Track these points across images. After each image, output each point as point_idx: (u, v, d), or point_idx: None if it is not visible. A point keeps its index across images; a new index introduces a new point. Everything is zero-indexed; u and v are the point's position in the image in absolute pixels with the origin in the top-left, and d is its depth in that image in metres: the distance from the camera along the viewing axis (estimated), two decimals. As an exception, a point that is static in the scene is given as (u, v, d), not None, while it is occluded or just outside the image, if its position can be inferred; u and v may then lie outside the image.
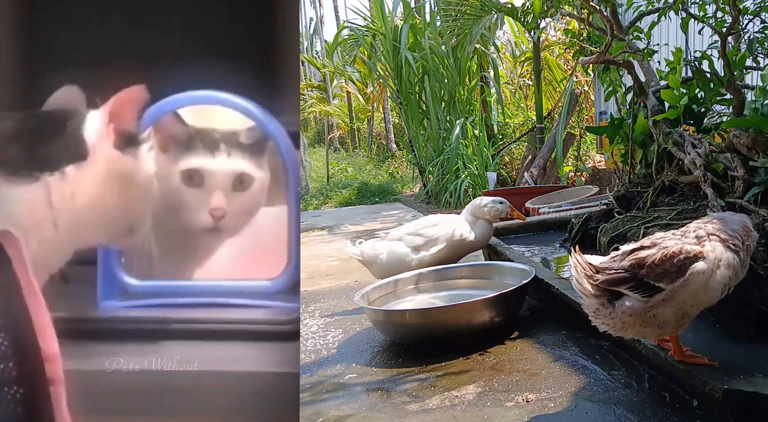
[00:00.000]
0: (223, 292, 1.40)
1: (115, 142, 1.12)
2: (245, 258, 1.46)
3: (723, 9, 2.43)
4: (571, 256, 1.55)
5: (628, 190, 2.81)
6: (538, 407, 1.69)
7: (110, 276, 1.41)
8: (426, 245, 2.84)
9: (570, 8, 3.19)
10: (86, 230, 1.11)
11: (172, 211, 1.39)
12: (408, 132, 8.13)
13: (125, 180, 1.13)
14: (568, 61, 8.07)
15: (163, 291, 1.41)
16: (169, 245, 1.42)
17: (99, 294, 1.40)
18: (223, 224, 1.40)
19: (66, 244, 1.10)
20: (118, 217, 1.14)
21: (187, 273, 1.45)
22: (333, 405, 1.86)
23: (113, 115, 1.12)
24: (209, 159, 1.38)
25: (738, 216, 1.58)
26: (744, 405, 1.39)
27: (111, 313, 1.38)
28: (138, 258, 1.40)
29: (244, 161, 1.40)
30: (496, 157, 7.11)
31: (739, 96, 2.38)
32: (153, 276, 1.42)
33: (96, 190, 1.10)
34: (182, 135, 1.39)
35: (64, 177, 1.08)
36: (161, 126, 1.37)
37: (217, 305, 1.39)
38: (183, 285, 1.43)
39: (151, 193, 1.18)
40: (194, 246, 1.44)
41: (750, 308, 1.72)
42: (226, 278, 1.43)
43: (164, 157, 1.37)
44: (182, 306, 1.39)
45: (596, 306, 1.53)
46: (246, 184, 1.40)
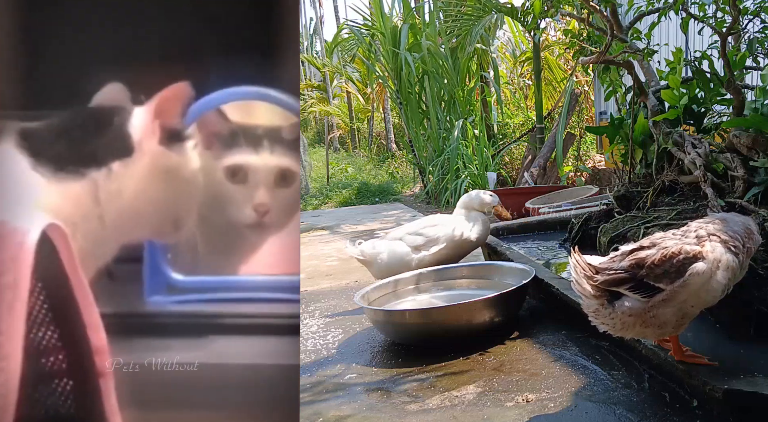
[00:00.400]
0: (264, 287, 1.41)
1: (160, 138, 1.14)
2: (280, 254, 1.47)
3: (723, 9, 2.43)
4: (570, 257, 1.55)
5: (628, 190, 2.81)
6: (538, 407, 1.68)
7: (156, 271, 1.42)
8: (427, 245, 2.84)
9: (570, 8, 3.19)
10: (132, 225, 1.13)
11: (216, 206, 1.41)
12: (408, 132, 8.13)
13: (170, 175, 1.15)
14: (568, 61, 8.07)
15: (209, 287, 1.43)
16: (214, 241, 1.45)
17: (146, 289, 1.41)
18: (267, 220, 1.41)
19: (113, 239, 1.12)
20: (163, 213, 1.16)
21: (233, 268, 1.46)
22: (333, 405, 1.86)
23: (158, 111, 1.14)
24: (252, 155, 1.39)
25: (741, 218, 1.58)
26: (744, 405, 1.39)
27: (158, 308, 1.40)
28: (183, 254, 1.42)
29: (286, 157, 1.41)
30: (496, 157, 7.10)
31: (739, 96, 2.38)
32: (199, 271, 1.44)
33: (141, 186, 1.12)
34: (226, 131, 1.40)
35: (111, 173, 1.10)
36: (205, 122, 1.38)
37: (258, 300, 1.40)
38: (228, 280, 1.45)
39: (196, 188, 1.20)
40: (239, 241, 1.46)
41: (750, 308, 1.72)
42: (267, 273, 1.44)
43: (208, 154, 1.38)
44: (228, 301, 1.41)
45: (596, 307, 1.53)
46: (289, 179, 1.41)
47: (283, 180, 1.40)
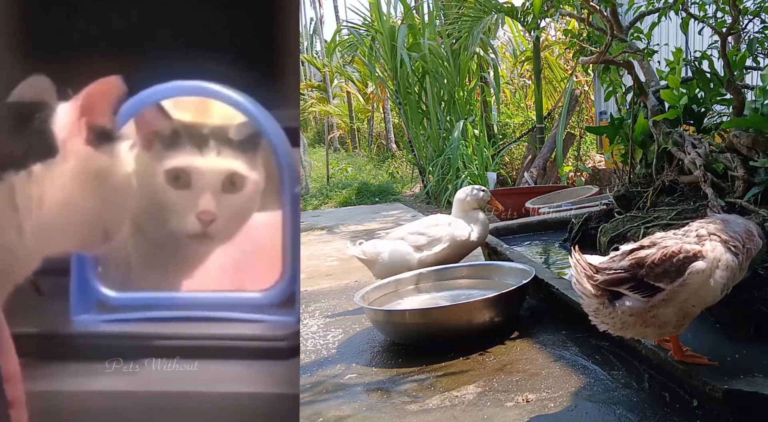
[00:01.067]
0: (212, 305, 1.28)
1: (87, 138, 1.01)
2: (236, 267, 1.34)
3: (723, 9, 2.43)
4: (571, 256, 1.55)
5: (628, 190, 2.81)
6: (538, 407, 1.68)
7: (85, 287, 1.27)
8: (429, 245, 2.84)
9: (570, 8, 3.19)
10: (55, 236, 1.01)
11: (155, 214, 1.26)
12: (408, 132, 8.13)
13: (99, 180, 1.02)
14: (568, 61, 8.07)
15: (145, 304, 1.27)
16: (151, 252, 1.30)
17: (72, 307, 1.26)
18: (212, 229, 1.26)
19: (33, 251, 0.99)
20: (91, 221, 1.03)
21: (172, 283, 1.31)
22: (333, 405, 1.86)
23: (85, 108, 1.01)
24: (197, 157, 1.25)
25: (743, 220, 1.58)
26: (744, 405, 1.39)
27: (86, 328, 1.24)
28: (116, 267, 1.27)
29: (235, 160, 1.27)
30: (496, 157, 7.10)
31: (739, 96, 2.38)
32: (133, 287, 1.29)
33: (66, 191, 1.00)
34: (167, 130, 1.25)
35: (30, 176, 0.97)
36: (143, 120, 1.24)
37: (205, 319, 1.26)
38: (167, 297, 1.29)
39: (130, 194, 1.07)
40: (180, 254, 1.30)
41: (750, 308, 1.72)
42: (214, 289, 1.30)
43: (147, 155, 1.24)
44: (166, 320, 1.25)
45: (596, 306, 1.53)
46: (238, 185, 1.27)
47: (232, 185, 1.26)
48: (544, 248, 3.29)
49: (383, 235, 3.19)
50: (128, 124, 1.18)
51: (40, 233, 0.99)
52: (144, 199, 1.19)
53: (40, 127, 0.99)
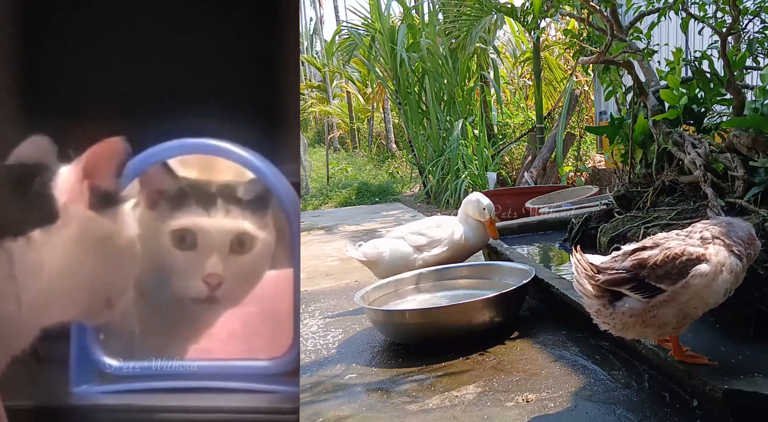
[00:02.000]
0: (219, 374, 1.21)
1: (90, 202, 0.98)
2: (245, 332, 1.27)
3: (723, 9, 2.43)
4: (572, 256, 1.55)
5: (628, 190, 2.81)
6: (538, 407, 1.68)
7: (85, 356, 1.20)
8: (428, 245, 2.84)
9: (570, 8, 3.19)
10: (55, 304, 0.96)
11: (159, 278, 1.20)
12: (408, 132, 8.13)
13: (102, 245, 0.98)
14: (568, 61, 8.07)
15: (148, 374, 1.21)
16: (155, 318, 1.24)
17: (72, 378, 1.19)
18: (219, 293, 1.20)
19: (31, 322, 0.95)
20: (93, 289, 0.99)
21: (177, 351, 1.24)
22: (333, 406, 1.86)
23: (88, 170, 0.97)
24: (204, 217, 1.19)
25: (745, 224, 1.59)
26: (744, 405, 1.39)
27: (86, 400, 1.17)
28: (118, 335, 1.21)
29: (244, 219, 1.21)
30: (496, 157, 7.10)
31: (739, 96, 2.38)
32: (136, 355, 1.22)
33: (67, 258, 0.95)
34: (172, 189, 1.19)
35: (30, 243, 0.93)
36: (148, 179, 1.17)
37: (212, 390, 1.19)
38: (171, 365, 1.22)
39: (134, 259, 1.04)
40: (185, 319, 1.24)
41: (750, 308, 1.72)
42: (222, 357, 1.23)
43: (151, 215, 1.18)
44: (170, 390, 1.19)
45: (597, 307, 1.53)
46: (247, 245, 1.21)
47: (241, 246, 1.20)
48: (544, 248, 3.29)
49: (384, 234, 3.18)
50: (132, 183, 1.14)
51: (39, 303, 0.94)
52: (148, 263, 1.14)
53: (40, 190, 0.95)
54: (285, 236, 1.23)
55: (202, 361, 1.22)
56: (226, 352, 1.23)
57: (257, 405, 1.16)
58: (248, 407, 1.15)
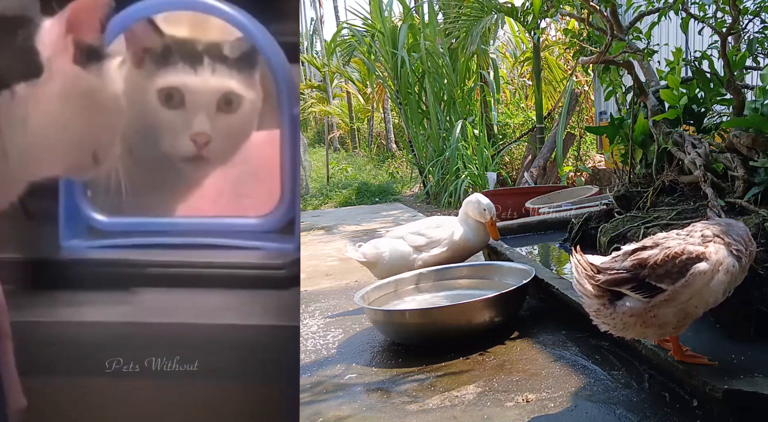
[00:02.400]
0: (207, 231, 1.20)
1: (74, 56, 0.96)
2: (233, 191, 1.25)
3: (723, 9, 2.43)
4: (572, 256, 1.55)
5: (628, 190, 2.81)
6: (538, 407, 1.68)
7: (74, 212, 1.19)
8: (428, 246, 2.84)
9: (570, 8, 3.19)
10: (41, 159, 0.96)
11: (146, 136, 1.18)
12: (408, 132, 8.13)
13: (87, 101, 0.97)
14: (568, 61, 8.07)
15: (137, 230, 1.20)
16: (143, 176, 1.22)
17: (62, 233, 1.18)
18: (207, 152, 1.18)
19: (17, 176, 0.95)
20: (79, 144, 0.98)
21: (166, 208, 1.23)
22: (333, 406, 1.86)
23: (72, 24, 0.95)
24: (191, 75, 1.17)
25: (742, 225, 1.59)
26: (744, 405, 1.39)
27: (76, 255, 1.16)
28: (106, 192, 1.17)
29: (231, 78, 1.19)
30: (496, 157, 7.10)
31: (739, 96, 2.38)
32: (125, 212, 1.21)
33: (52, 113, 0.94)
34: (159, 47, 1.16)
35: (14, 97, 0.93)
36: (134, 35, 1.15)
37: (200, 246, 1.19)
38: (160, 222, 1.21)
39: (120, 115, 1.03)
40: (173, 177, 1.23)
41: (750, 308, 1.72)
42: (210, 215, 1.23)
43: (137, 73, 1.16)
44: (159, 246, 1.18)
45: (597, 307, 1.53)
46: (234, 104, 1.19)
47: (228, 104, 1.18)
48: (544, 248, 3.29)
49: (384, 233, 3.18)
50: (117, 40, 1.12)
51: (25, 156, 0.94)
52: (135, 120, 1.13)
53: (23, 44, 0.93)
54: (272, 96, 1.21)
55: (191, 218, 1.21)
56: (215, 210, 1.22)
57: (248, 261, 1.16)
58: (237, 262, 1.16)
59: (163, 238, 1.19)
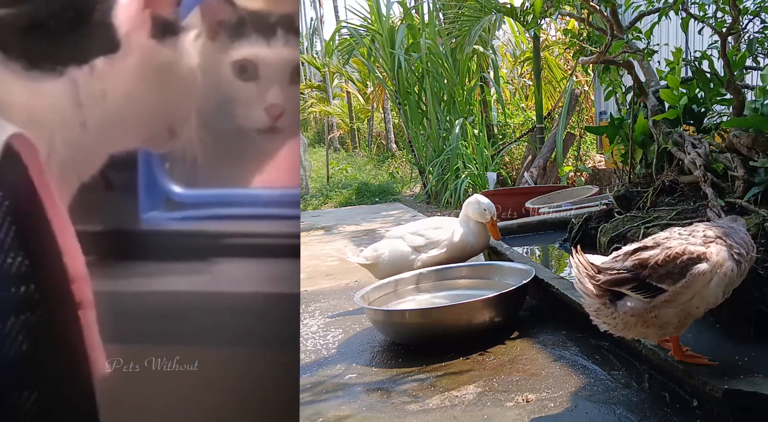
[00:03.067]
0: (280, 202, 1.21)
1: (151, 31, 0.99)
2: (286, 163, 1.26)
3: (723, 9, 2.43)
4: (572, 256, 1.55)
5: (628, 190, 2.81)
6: (538, 407, 1.68)
7: (153, 183, 1.22)
8: (426, 247, 2.83)
9: (570, 8, 3.19)
10: (120, 132, 0.99)
11: (221, 108, 1.20)
12: (408, 132, 8.13)
13: (164, 74, 1.00)
14: (568, 61, 8.07)
15: (214, 201, 1.23)
16: (219, 148, 1.24)
17: (141, 205, 1.21)
18: (280, 123, 1.19)
19: (97, 148, 0.98)
20: (156, 117, 1.01)
21: (241, 180, 1.25)
22: (333, 405, 1.86)
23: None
24: (264, 47, 1.17)
25: (744, 228, 1.59)
26: (744, 405, 1.39)
27: (154, 226, 1.20)
28: (182, 164, 1.21)
29: (297, 49, 1.21)
30: (496, 157, 7.10)
31: (739, 96, 2.38)
32: (201, 183, 1.24)
33: (130, 87, 0.97)
34: (233, 19, 1.17)
35: (93, 71, 0.95)
36: (208, 9, 1.16)
37: (272, 217, 1.20)
38: (236, 193, 1.24)
39: (195, 88, 1.05)
40: (248, 149, 1.25)
41: (750, 308, 1.72)
42: (282, 186, 1.23)
43: (212, 46, 1.17)
44: (235, 217, 1.20)
45: (598, 306, 1.52)
46: (298, 76, 1.21)
47: (298, 76, 1.20)
48: (544, 248, 3.29)
49: (384, 234, 3.18)
50: (192, 14, 1.13)
51: (104, 129, 0.96)
52: (209, 93, 1.15)
53: (101, 19, 0.95)
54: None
55: (264, 190, 1.22)
56: (287, 181, 1.22)
57: (289, 231, 1.18)
58: (285, 232, 1.18)
59: (238, 209, 1.21)
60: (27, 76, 0.91)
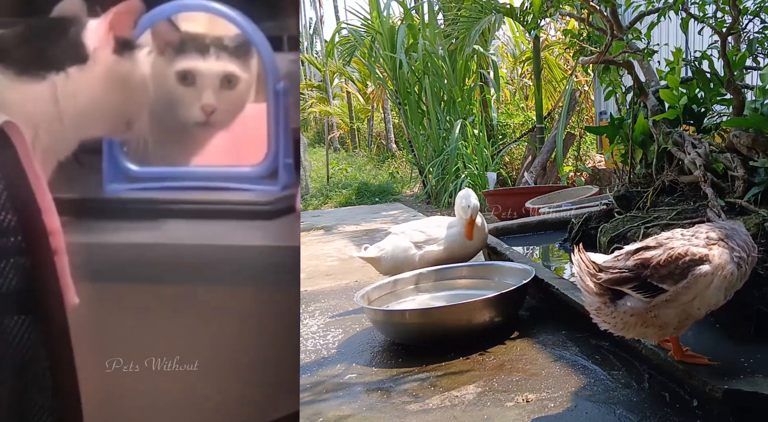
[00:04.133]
0: (213, 177, 1.60)
1: (113, 48, 1.28)
2: (232, 147, 1.67)
3: (723, 9, 2.43)
4: (574, 254, 1.54)
5: (628, 190, 2.81)
6: (538, 407, 1.69)
7: (114, 162, 1.59)
8: (425, 242, 2.86)
9: (570, 8, 3.19)
10: (89, 124, 1.27)
11: (168, 107, 1.56)
12: (408, 132, 8.13)
13: (122, 80, 1.29)
14: (568, 61, 8.07)
15: (162, 176, 1.59)
16: (166, 137, 1.60)
17: (105, 178, 1.58)
18: (212, 118, 1.56)
19: (72, 136, 1.26)
20: (116, 114, 1.30)
21: (182, 160, 1.64)
22: (333, 405, 1.86)
23: (112, 24, 1.27)
24: (200, 61, 1.54)
25: (745, 231, 1.59)
26: (744, 405, 1.39)
27: (115, 194, 1.57)
28: (137, 148, 1.55)
29: (231, 63, 1.56)
30: (496, 157, 7.10)
31: (739, 96, 2.38)
32: (152, 162, 1.60)
33: (96, 90, 1.26)
34: (176, 39, 1.54)
35: (68, 76, 1.23)
36: (157, 31, 1.52)
37: (209, 188, 1.58)
38: (178, 170, 1.61)
39: (147, 91, 1.35)
40: (187, 137, 1.62)
41: (750, 308, 1.72)
42: (215, 164, 1.64)
43: (161, 60, 1.54)
44: (178, 189, 1.57)
45: (598, 305, 1.52)
46: (233, 83, 1.56)
47: (228, 82, 1.56)
48: (544, 248, 3.29)
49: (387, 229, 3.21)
50: (145, 34, 1.47)
51: (77, 122, 1.25)
52: (158, 95, 1.47)
53: (75, 38, 1.25)
54: (261, 77, 1.61)
55: (201, 167, 1.62)
56: (219, 161, 1.63)
57: (243, 199, 1.57)
58: (237, 200, 1.56)
59: (180, 182, 1.58)
60: (18, 80, 1.21)
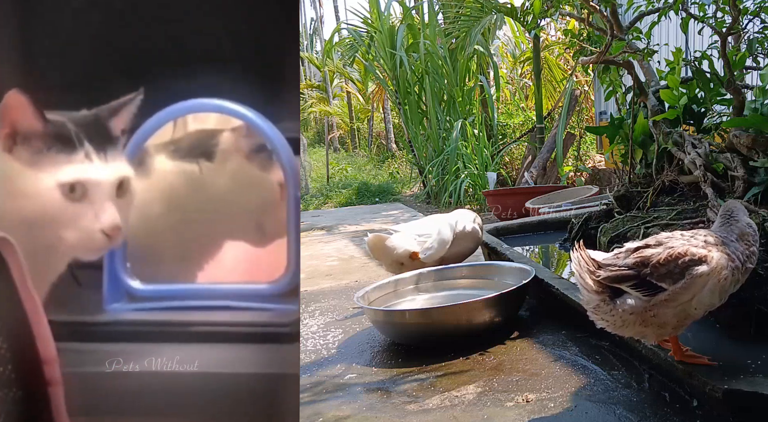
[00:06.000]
0: (225, 295, 1.43)
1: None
2: (246, 263, 1.48)
3: (723, 9, 2.43)
4: (573, 251, 1.54)
5: (628, 190, 2.81)
6: (538, 407, 1.68)
7: (115, 280, 1.43)
8: (423, 237, 2.90)
9: (570, 8, 3.19)
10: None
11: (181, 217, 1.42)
12: (408, 132, 8.13)
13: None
14: (568, 61, 8.07)
15: (168, 295, 1.44)
16: (172, 251, 1.46)
17: (105, 298, 1.42)
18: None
19: (65, 252, 1.14)
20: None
21: (191, 277, 1.46)
22: (333, 405, 1.86)
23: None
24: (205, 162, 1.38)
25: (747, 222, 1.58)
26: (744, 405, 1.39)
27: (116, 316, 1.40)
28: (142, 263, 1.42)
29: (250, 164, 1.40)
30: (496, 157, 7.10)
31: (739, 96, 2.38)
32: (159, 279, 1.45)
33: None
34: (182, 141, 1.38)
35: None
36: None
37: (218, 308, 1.41)
38: (187, 288, 1.45)
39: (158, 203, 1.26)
40: (196, 251, 1.46)
41: (750, 307, 1.72)
42: (228, 281, 1.45)
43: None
44: (186, 308, 1.41)
45: (597, 302, 1.52)
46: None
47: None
48: (544, 248, 3.29)
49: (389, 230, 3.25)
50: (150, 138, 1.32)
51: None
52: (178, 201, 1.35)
53: None
54: (282, 183, 1.41)
55: (212, 285, 1.43)
56: (230, 278, 1.43)
57: (258, 320, 1.38)
58: (250, 321, 1.38)
59: (187, 302, 1.41)
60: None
